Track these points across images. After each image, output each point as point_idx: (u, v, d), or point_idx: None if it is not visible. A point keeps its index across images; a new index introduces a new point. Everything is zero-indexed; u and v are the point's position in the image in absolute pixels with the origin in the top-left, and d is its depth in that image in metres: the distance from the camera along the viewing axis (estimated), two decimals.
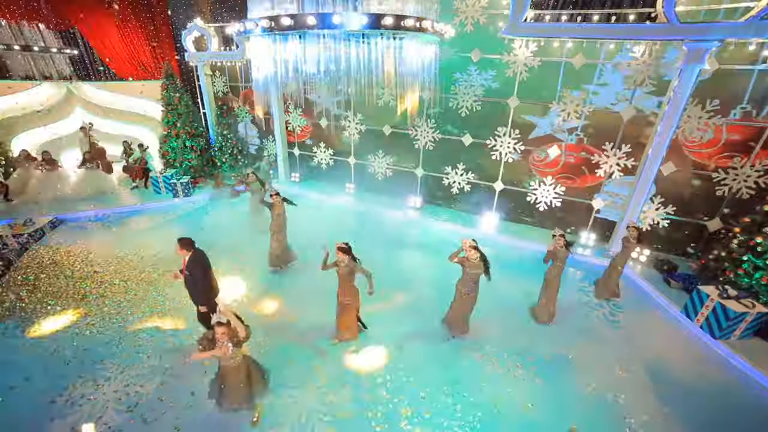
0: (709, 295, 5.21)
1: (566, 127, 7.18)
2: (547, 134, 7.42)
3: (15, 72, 9.65)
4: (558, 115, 7.11)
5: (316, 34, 3.87)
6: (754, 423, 4.07)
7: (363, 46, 4.21)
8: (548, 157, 7.47)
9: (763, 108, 5.86)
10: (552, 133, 7.35)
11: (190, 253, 4.29)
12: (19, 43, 8.64)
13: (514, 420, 3.97)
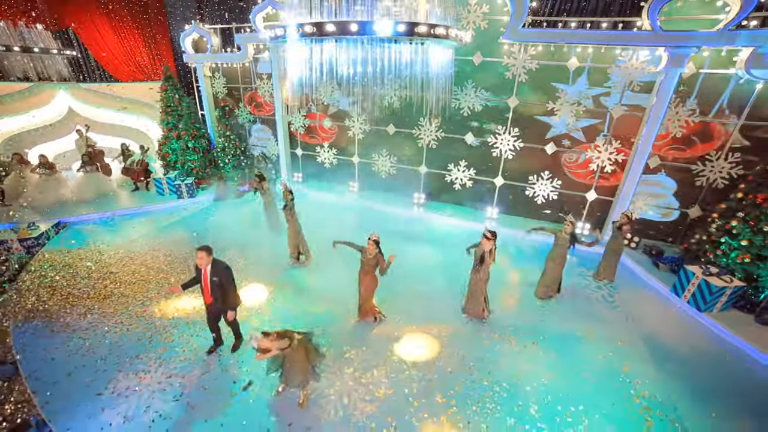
0: (695, 273, 5.85)
1: (580, 126, 7.66)
2: (562, 133, 7.88)
3: (12, 73, 9.39)
4: (572, 114, 7.55)
5: (351, 39, 4.18)
6: (734, 380, 4.68)
7: (388, 51, 4.55)
8: (579, 158, 7.90)
9: (712, 107, 6.56)
10: (567, 132, 7.82)
11: (211, 259, 4.22)
12: (19, 45, 8.44)
13: (535, 389, 4.40)
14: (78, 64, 10.53)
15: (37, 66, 9.20)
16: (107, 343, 4.99)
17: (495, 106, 8.15)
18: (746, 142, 6.55)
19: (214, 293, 4.27)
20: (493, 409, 4.13)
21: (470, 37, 5.04)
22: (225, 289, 4.26)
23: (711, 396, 4.39)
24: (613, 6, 6.66)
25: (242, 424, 3.93)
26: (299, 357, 3.82)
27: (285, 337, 3.51)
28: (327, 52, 4.28)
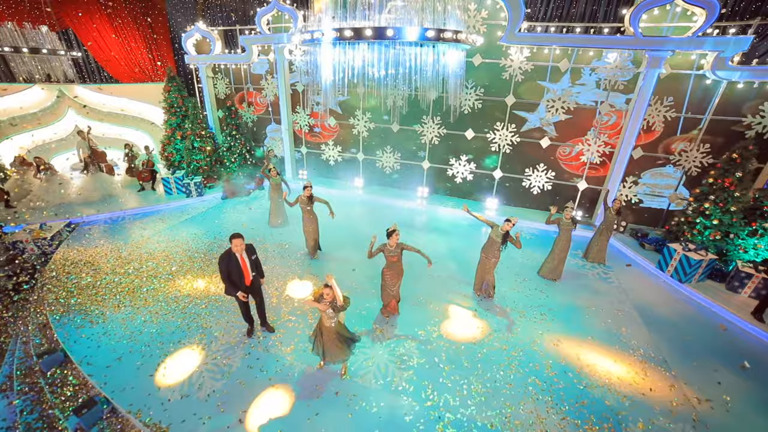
0: (677, 249, 6.64)
1: (553, 121, 8.43)
2: (536, 127, 8.64)
3: (18, 74, 9.26)
4: (547, 111, 8.34)
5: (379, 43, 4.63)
6: (709, 336, 5.47)
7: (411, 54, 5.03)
8: (572, 152, 8.61)
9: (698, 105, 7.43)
10: (540, 126, 8.59)
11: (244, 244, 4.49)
12: (28, 46, 8.36)
13: (547, 352, 4.99)
14: (78, 64, 10.45)
15: (44, 67, 9.12)
16: (147, 332, 5.23)
17: (493, 104, 8.77)
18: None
19: (255, 270, 4.63)
20: (514, 369, 4.68)
21: (482, 40, 5.59)
22: (258, 263, 4.67)
23: (692, 349, 5.14)
24: (598, 13, 7.39)
25: (288, 400, 4.28)
26: (336, 332, 4.21)
27: (344, 297, 3.93)
28: (355, 54, 4.70)
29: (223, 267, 4.40)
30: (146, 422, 3.93)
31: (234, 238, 4.37)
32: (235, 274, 4.46)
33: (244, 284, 4.57)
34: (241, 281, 4.52)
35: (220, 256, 4.44)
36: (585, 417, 4.08)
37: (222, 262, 4.40)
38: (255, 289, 4.78)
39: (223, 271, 4.42)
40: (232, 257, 4.41)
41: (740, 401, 4.36)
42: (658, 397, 4.37)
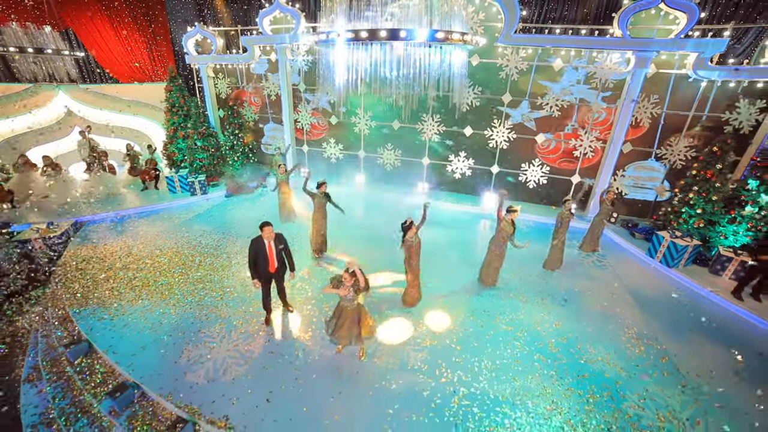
0: (665, 237, 7.11)
1: (533, 117, 8.87)
2: (518, 122, 9.08)
3: (23, 75, 9.24)
4: (528, 108, 8.76)
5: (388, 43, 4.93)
6: (696, 313, 5.93)
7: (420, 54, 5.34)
8: (550, 144, 9.08)
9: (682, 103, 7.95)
10: (522, 122, 9.02)
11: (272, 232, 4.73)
12: (33, 46, 8.36)
13: (549, 332, 5.35)
14: (80, 64, 10.46)
15: (48, 68, 9.12)
16: (167, 322, 5.41)
17: (490, 101, 9.15)
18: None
19: (278, 261, 4.84)
20: (520, 348, 5.03)
21: (485, 41, 5.94)
22: (288, 252, 4.89)
23: (680, 326, 5.58)
24: (589, 15, 7.83)
25: (312, 377, 4.54)
26: (357, 314, 4.48)
27: (365, 279, 4.19)
28: (365, 54, 4.99)
29: (252, 252, 4.69)
30: (177, 404, 4.13)
31: (264, 226, 4.64)
32: (261, 260, 4.72)
33: (268, 270, 4.80)
34: (266, 267, 4.77)
35: (251, 241, 4.71)
36: (587, 387, 4.45)
37: (251, 247, 4.69)
38: (278, 276, 5.02)
39: (251, 256, 4.71)
40: (260, 243, 4.67)
41: (724, 372, 4.79)
42: (650, 366, 4.77)
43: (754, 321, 5.81)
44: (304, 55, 10.09)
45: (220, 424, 3.92)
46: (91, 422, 4.22)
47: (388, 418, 4.00)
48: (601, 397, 4.33)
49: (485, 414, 4.06)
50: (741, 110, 7.55)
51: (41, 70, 9.19)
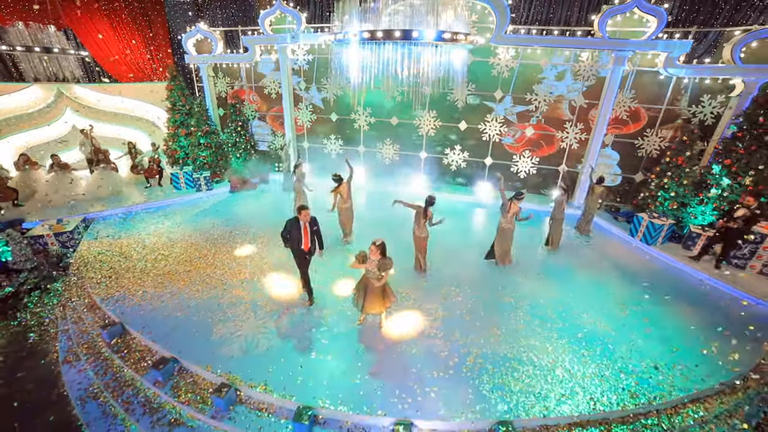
0: (644, 218, 7.89)
1: (516, 111, 9.59)
2: (502, 116, 9.79)
3: (29, 75, 9.22)
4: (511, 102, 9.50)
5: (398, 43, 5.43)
6: (671, 282, 6.69)
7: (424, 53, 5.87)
8: (515, 134, 9.84)
9: (655, 97, 8.79)
10: (505, 115, 9.73)
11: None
12: (40, 46, 8.39)
13: (551, 302, 5.95)
14: (85, 63, 10.49)
15: (52, 67, 9.14)
16: (194, 305, 5.71)
17: (484, 98, 9.79)
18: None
19: (312, 241, 5.26)
20: (523, 315, 5.61)
21: (483, 41, 6.52)
22: (320, 234, 5.33)
23: (659, 293, 6.30)
24: (572, 18, 8.57)
25: (340, 346, 4.96)
26: (379, 289, 4.95)
27: (386, 258, 4.66)
28: (373, 53, 5.48)
29: (286, 228, 5.20)
30: (218, 374, 4.49)
31: (303, 209, 5.13)
32: (295, 238, 5.16)
33: (302, 248, 5.22)
34: (300, 245, 5.19)
35: (288, 221, 5.20)
36: (582, 344, 5.06)
37: (287, 225, 5.18)
38: (311, 255, 5.43)
39: (284, 230, 5.22)
40: (296, 223, 5.14)
41: (693, 325, 5.52)
42: (634, 326, 5.44)
43: (714, 283, 6.63)
44: (305, 55, 10.47)
45: (261, 387, 4.30)
46: (136, 393, 4.52)
47: (412, 375, 4.48)
48: (594, 352, 4.95)
49: (497, 369, 4.60)
50: (705, 104, 8.44)
51: (46, 69, 9.19)
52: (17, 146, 10.10)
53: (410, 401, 4.13)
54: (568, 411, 4.08)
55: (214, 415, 4.15)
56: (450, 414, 4.00)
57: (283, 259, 6.86)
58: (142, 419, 4.25)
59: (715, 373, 4.65)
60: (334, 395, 4.19)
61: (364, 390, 4.26)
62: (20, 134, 10.17)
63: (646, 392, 4.35)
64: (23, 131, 10.21)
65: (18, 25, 7.96)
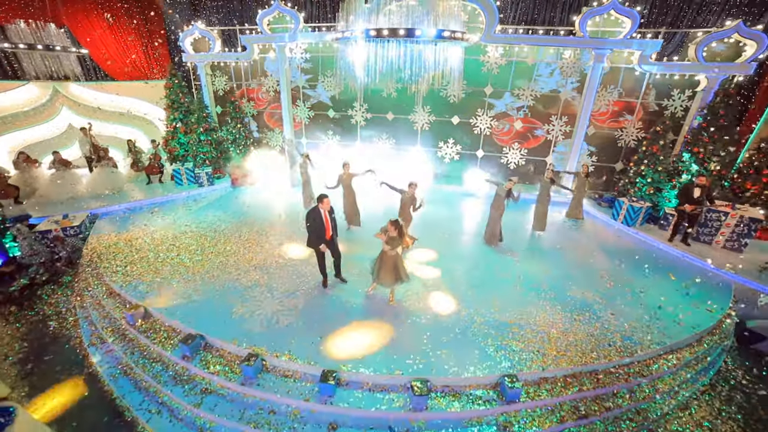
0: (624, 202, 8.61)
1: (516, 106, 10.23)
2: (502, 111, 10.41)
3: (29, 72, 9.21)
4: (511, 98, 10.12)
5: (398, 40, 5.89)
6: (648, 258, 7.37)
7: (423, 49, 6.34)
8: (504, 128, 10.47)
9: (632, 91, 9.56)
10: (506, 110, 10.36)
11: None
12: (43, 44, 8.41)
13: (541, 277, 6.51)
14: (83, 62, 10.52)
15: (53, 65, 9.15)
16: (212, 289, 5.99)
17: (474, 93, 10.36)
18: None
19: (333, 229, 5.57)
20: (519, 288, 6.15)
21: (477, 38, 7.06)
22: (335, 222, 5.65)
23: (638, 267, 6.97)
24: (555, 18, 9.24)
25: (356, 318, 5.34)
26: (393, 262, 5.39)
27: (401, 234, 5.14)
28: (379, 51, 5.93)
29: (310, 221, 5.30)
30: (243, 347, 4.82)
31: (323, 197, 5.33)
32: (319, 228, 5.34)
33: (325, 238, 5.49)
34: (322, 235, 5.43)
35: (309, 211, 5.37)
36: (573, 311, 5.62)
37: (309, 217, 5.32)
38: (334, 244, 5.72)
39: (309, 225, 5.32)
40: (317, 213, 5.33)
41: (669, 294, 6.18)
42: (618, 295, 6.06)
43: (686, 258, 7.35)
44: (302, 53, 10.81)
45: (285, 356, 4.66)
46: (166, 368, 4.81)
47: (425, 340, 4.93)
48: (584, 316, 5.51)
49: (500, 333, 5.10)
50: (675, 98, 9.24)
51: (48, 67, 9.21)
52: (11, 145, 10.06)
53: (424, 362, 4.57)
54: (564, 365, 4.61)
55: (243, 382, 4.48)
56: (460, 371, 4.47)
57: (293, 245, 7.21)
58: (174, 389, 4.54)
59: (686, 330, 5.29)
60: (354, 360, 4.59)
61: (382, 355, 4.68)
62: (14, 133, 10.13)
63: (628, 347, 4.93)
64: (18, 130, 10.17)
65: (19, 23, 8.00)
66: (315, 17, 10.63)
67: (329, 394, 4.27)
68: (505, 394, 4.26)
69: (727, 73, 8.46)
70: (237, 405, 4.38)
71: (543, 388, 4.46)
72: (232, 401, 4.43)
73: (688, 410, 4.67)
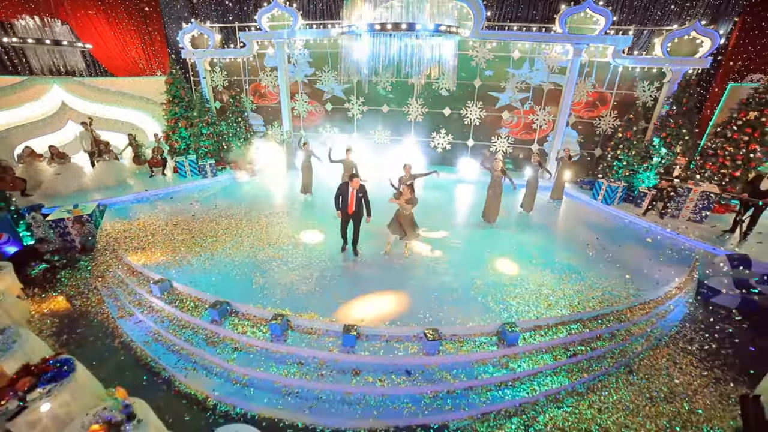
0: (603, 182, 9.45)
1: (518, 98, 10.99)
2: (507, 104, 11.15)
3: (34, 67, 9.31)
4: (513, 90, 10.88)
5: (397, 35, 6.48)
6: (624, 232, 8.20)
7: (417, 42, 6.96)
8: (512, 120, 11.22)
9: (604, 83, 10.46)
10: (510, 103, 11.11)
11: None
12: (50, 38, 8.55)
13: (534, 249, 7.20)
14: (86, 57, 10.66)
15: (57, 60, 9.27)
16: (231, 264, 6.38)
17: (464, 86, 11.07)
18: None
19: (357, 206, 6.18)
20: (512, 257, 6.81)
21: (468, 32, 7.75)
22: (367, 200, 6.22)
23: (615, 239, 7.77)
24: (537, 16, 10.04)
25: (372, 283, 5.88)
26: (408, 220, 6.18)
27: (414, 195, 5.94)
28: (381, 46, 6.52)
29: (337, 193, 6.18)
30: (268, 309, 5.27)
31: (354, 177, 6.07)
32: (344, 202, 6.13)
33: (347, 211, 6.21)
34: (346, 208, 6.19)
35: (340, 185, 6.18)
36: (561, 273, 6.32)
37: (339, 189, 6.16)
38: (355, 218, 6.35)
39: (336, 195, 6.20)
40: (346, 188, 6.11)
41: (641, 260, 6.98)
42: (600, 261, 6.81)
43: (657, 230, 8.21)
44: (301, 49, 11.28)
45: (309, 315, 5.15)
46: (196, 333, 5.22)
47: (432, 298, 5.51)
48: (570, 278, 6.22)
49: (497, 291, 5.74)
50: (645, 89, 10.19)
51: (52, 62, 9.34)
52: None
53: (433, 317, 5.15)
54: (554, 315, 5.28)
55: (272, 339, 4.94)
56: (465, 322, 5.07)
57: (306, 223, 7.73)
58: (207, 348, 4.97)
59: (659, 289, 6.07)
60: (371, 317, 5.12)
61: (395, 313, 5.22)
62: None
63: (609, 299, 5.65)
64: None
65: (26, 19, 8.17)
66: (312, 14, 11.11)
67: (351, 345, 4.78)
68: (506, 338, 4.88)
69: (688, 66, 9.45)
70: (267, 359, 4.84)
71: (537, 333, 5.11)
72: (262, 357, 4.88)
73: (658, 349, 5.42)
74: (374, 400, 4.44)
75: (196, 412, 4.39)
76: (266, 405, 4.36)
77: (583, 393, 4.73)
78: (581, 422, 4.28)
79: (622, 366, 5.09)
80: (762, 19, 9.07)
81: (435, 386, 4.53)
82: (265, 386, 4.61)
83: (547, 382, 4.69)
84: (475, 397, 4.49)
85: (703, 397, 4.63)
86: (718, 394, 4.66)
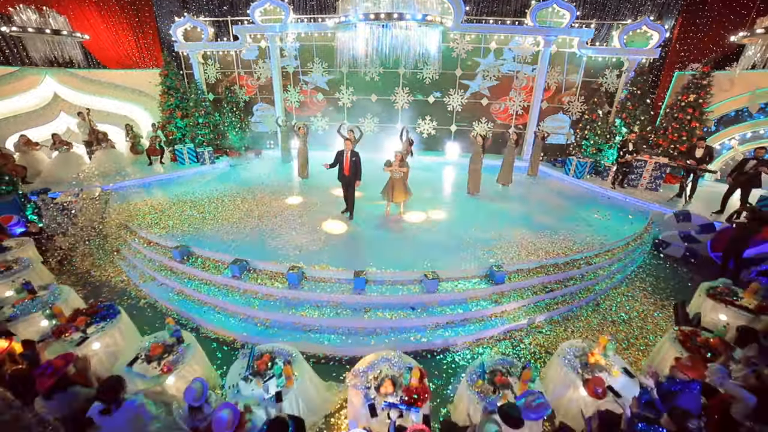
0: (573, 159, 10.55)
1: (486, 86, 11.99)
2: (476, 92, 12.13)
3: (34, 57, 9.38)
4: (483, 79, 11.85)
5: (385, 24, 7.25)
6: (594, 202, 9.23)
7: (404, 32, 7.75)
8: (500, 107, 12.22)
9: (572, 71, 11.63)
10: (479, 90, 12.09)
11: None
12: (50, 28, 8.69)
13: (513, 215, 8.08)
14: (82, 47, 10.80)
15: (55, 51, 9.38)
16: (243, 231, 6.89)
17: (446, 76, 11.97)
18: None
19: (351, 168, 6.84)
20: (497, 222, 7.67)
21: (450, 23, 8.60)
22: (358, 165, 6.87)
23: (587, 205, 8.82)
24: (510, 11, 11.07)
25: (373, 240, 6.58)
26: (403, 182, 6.97)
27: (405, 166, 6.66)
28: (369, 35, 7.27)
29: (337, 156, 6.93)
30: (284, 263, 5.86)
31: (346, 140, 6.95)
32: (340, 166, 6.90)
33: (344, 174, 6.92)
34: (342, 170, 6.93)
35: (338, 152, 6.91)
36: (540, 231, 7.22)
37: (338, 154, 6.91)
38: (349, 181, 7.01)
39: (335, 158, 6.94)
40: (341, 152, 6.89)
41: (610, 222, 8.02)
42: (571, 220, 7.78)
43: (618, 197, 9.34)
44: (292, 42, 11.84)
45: (321, 267, 5.78)
46: (218, 289, 5.74)
47: (429, 250, 6.27)
48: (546, 233, 7.12)
49: (486, 245, 6.55)
50: (608, 76, 11.40)
51: (51, 53, 9.45)
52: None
53: (430, 264, 5.90)
54: (534, 259, 6.15)
55: (290, 287, 5.54)
56: (459, 265, 5.85)
57: (308, 201, 8.34)
58: (230, 296, 5.52)
59: (618, 238, 7.08)
60: (378, 265, 5.81)
61: (398, 261, 5.94)
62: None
63: (579, 248, 6.59)
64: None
65: (25, 9, 8.34)
66: (302, 8, 11.69)
67: (361, 288, 5.46)
68: (494, 278, 5.69)
69: (641, 56, 10.71)
70: (286, 304, 5.44)
71: (520, 274, 5.95)
72: (282, 304, 5.47)
73: (620, 288, 6.40)
74: (384, 331, 5.13)
75: (226, 351, 4.95)
76: (290, 341, 4.96)
77: (558, 321, 5.61)
78: (558, 342, 5.14)
79: (590, 302, 6.02)
80: (697, 17, 10.46)
81: (436, 318, 5.28)
82: (287, 326, 5.22)
83: (530, 312, 5.55)
84: (471, 327, 5.27)
85: (653, 318, 5.63)
86: (664, 316, 5.67)
